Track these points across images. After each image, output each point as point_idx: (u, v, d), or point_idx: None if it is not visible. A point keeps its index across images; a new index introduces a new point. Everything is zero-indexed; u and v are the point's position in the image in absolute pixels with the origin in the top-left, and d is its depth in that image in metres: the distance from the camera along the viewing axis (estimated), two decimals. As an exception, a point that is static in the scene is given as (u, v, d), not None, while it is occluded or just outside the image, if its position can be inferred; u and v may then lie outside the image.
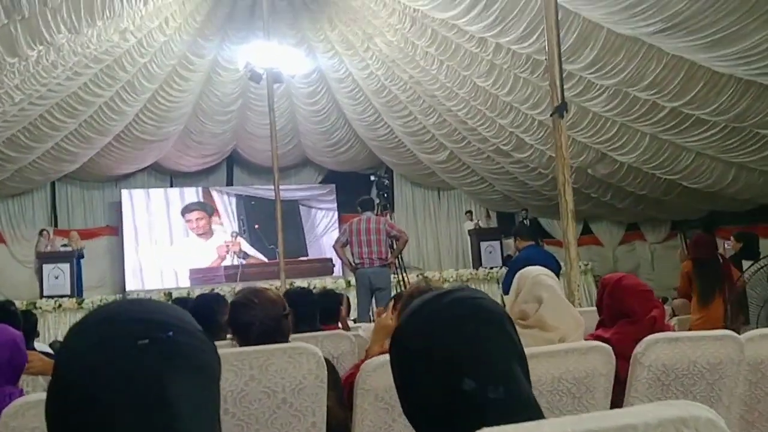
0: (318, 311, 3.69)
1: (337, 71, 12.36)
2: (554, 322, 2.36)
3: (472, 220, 14.38)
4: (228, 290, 11.67)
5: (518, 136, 11.70)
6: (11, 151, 11.57)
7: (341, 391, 2.34)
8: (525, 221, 13.47)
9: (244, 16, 11.53)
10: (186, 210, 14.32)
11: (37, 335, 5.89)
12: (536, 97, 10.25)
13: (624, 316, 2.61)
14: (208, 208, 14.42)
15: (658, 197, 12.22)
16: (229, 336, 3.82)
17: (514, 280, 2.52)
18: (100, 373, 0.78)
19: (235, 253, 14.03)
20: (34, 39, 8.18)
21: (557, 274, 6.65)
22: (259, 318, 2.41)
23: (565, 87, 6.56)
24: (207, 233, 14.28)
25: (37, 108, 10.82)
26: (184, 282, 13.37)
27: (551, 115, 4.55)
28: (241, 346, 2.45)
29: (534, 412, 1.00)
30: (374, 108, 12.93)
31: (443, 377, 1.02)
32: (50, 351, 4.25)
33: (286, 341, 2.35)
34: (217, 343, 2.80)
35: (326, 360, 2.16)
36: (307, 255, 14.67)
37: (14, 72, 9.26)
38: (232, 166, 15.10)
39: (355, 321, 6.94)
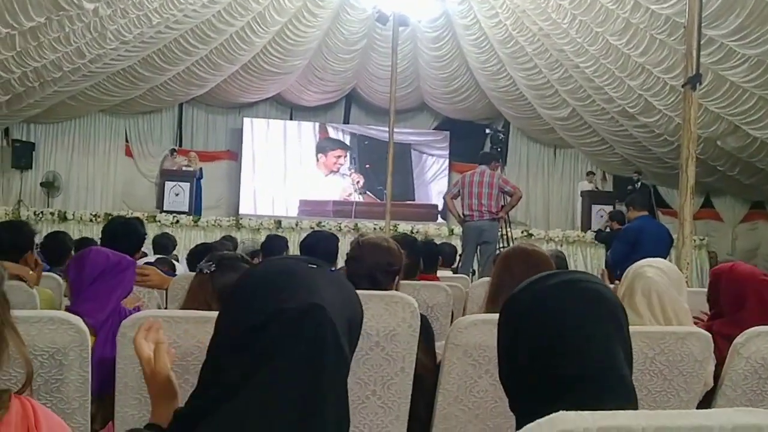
0: (421, 260, 3.78)
1: (465, 17, 12.14)
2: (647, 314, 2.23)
3: (591, 182, 13.96)
4: (334, 225, 11.99)
5: (647, 99, 11.21)
6: (145, 71, 12.18)
7: (431, 339, 2.40)
8: (637, 185, 12.97)
9: (376, -45, 11.47)
10: (327, 147, 14.66)
11: (176, 258, 6.36)
12: (671, 61, 9.76)
13: (738, 305, 2.52)
14: (346, 146, 14.75)
15: (790, 177, 11.51)
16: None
17: (623, 278, 2.35)
18: (270, 270, 1.03)
19: (357, 188, 14.34)
20: (175, -35, 8.50)
21: (669, 248, 6.48)
22: (359, 259, 2.53)
23: (703, 53, 6.22)
24: (339, 171, 14.65)
25: (173, 32, 11.27)
26: (294, 212, 13.80)
27: (683, 87, 4.33)
28: (348, 276, 2.57)
29: (630, 401, 1.01)
30: (498, 58, 12.66)
31: (547, 352, 1.05)
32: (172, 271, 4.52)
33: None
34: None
35: (421, 315, 2.22)
36: (414, 199, 14.77)
37: (154, -4, 9.69)
38: (350, 104, 15.27)
39: (455, 271, 6.99)
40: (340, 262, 4.68)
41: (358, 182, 14.40)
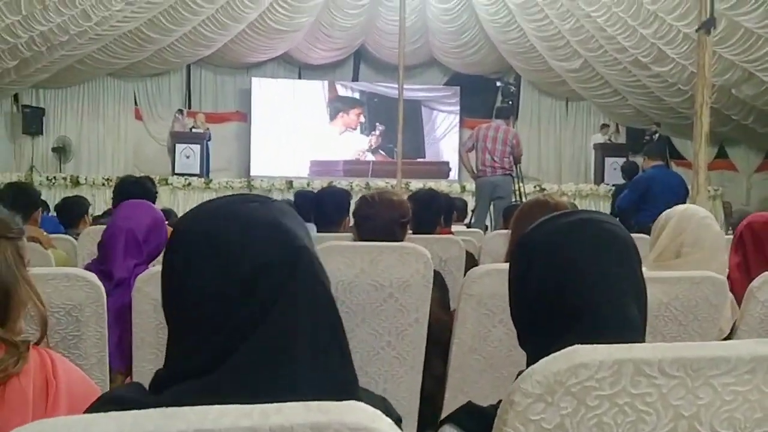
0: (442, 216, 3.79)
1: (472, -32, 11.95)
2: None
3: (605, 134, 13.77)
4: (345, 184, 11.97)
5: (660, 48, 11.04)
6: (152, 33, 12.09)
7: (446, 295, 2.41)
8: (653, 137, 12.81)
9: None
10: (346, 106, 14.55)
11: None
12: (684, 7, 9.59)
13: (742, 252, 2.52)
14: (362, 104, 14.64)
15: (806, 125, 11.36)
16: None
17: (674, 217, 2.32)
18: (226, 220, 0.92)
19: (372, 148, 14.28)
20: None
21: (684, 198, 6.43)
22: (375, 216, 2.53)
23: (716, -1, 6.10)
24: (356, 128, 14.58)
25: (178, -8, 11.17)
26: (304, 172, 13.77)
27: (697, 31, 4.26)
28: (357, 238, 2.60)
29: (635, 338, 1.02)
30: (508, 9, 12.47)
31: (555, 286, 1.06)
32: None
33: (397, 243, 2.44)
34: (336, 234, 2.89)
35: (435, 271, 2.23)
36: (424, 156, 14.69)
37: (157, -46, 9.56)
38: (358, 61, 15.10)
39: (469, 226, 6.99)
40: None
41: (371, 143, 14.33)
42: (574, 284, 1.04)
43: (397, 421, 0.98)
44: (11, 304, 1.19)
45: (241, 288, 0.87)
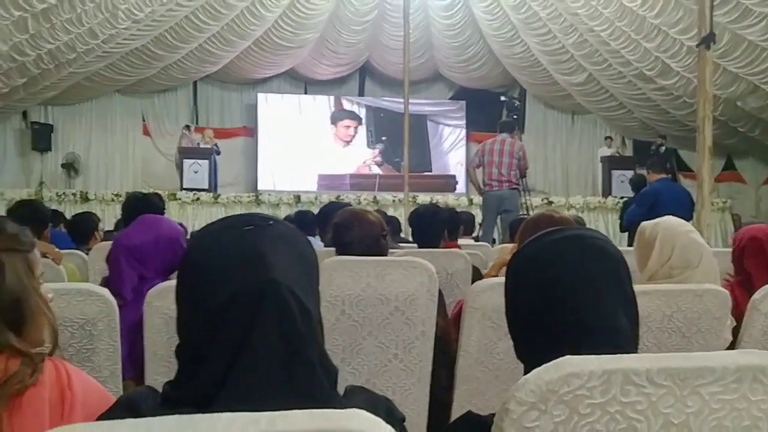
0: (445, 229, 3.82)
1: (476, -17, 12.04)
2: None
3: (610, 146, 13.80)
4: (353, 198, 12.02)
5: (664, 61, 11.08)
6: (158, 50, 12.22)
7: (443, 305, 2.45)
8: (660, 148, 12.82)
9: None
10: (337, 117, 14.68)
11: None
12: (687, 21, 9.63)
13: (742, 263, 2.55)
14: (357, 117, 14.76)
15: (812, 136, 11.37)
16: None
17: (658, 237, 2.26)
18: (214, 248, 0.99)
19: (375, 163, 14.38)
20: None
21: (690, 211, 6.44)
22: (357, 238, 2.53)
23: (719, 12, 6.15)
24: (350, 142, 14.67)
25: (184, 9, 11.28)
26: (312, 186, 13.84)
27: (697, 46, 4.30)
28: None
29: (626, 348, 1.05)
30: (512, 24, 12.54)
31: (545, 302, 1.09)
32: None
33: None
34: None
35: None
36: (431, 170, 14.75)
37: (165, -27, 9.68)
38: (364, 76, 15.20)
39: (477, 240, 7.00)
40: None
41: (373, 157, 14.43)
42: (562, 298, 1.08)
43: (401, 420, 1.03)
44: (24, 315, 1.22)
45: (217, 316, 0.93)
